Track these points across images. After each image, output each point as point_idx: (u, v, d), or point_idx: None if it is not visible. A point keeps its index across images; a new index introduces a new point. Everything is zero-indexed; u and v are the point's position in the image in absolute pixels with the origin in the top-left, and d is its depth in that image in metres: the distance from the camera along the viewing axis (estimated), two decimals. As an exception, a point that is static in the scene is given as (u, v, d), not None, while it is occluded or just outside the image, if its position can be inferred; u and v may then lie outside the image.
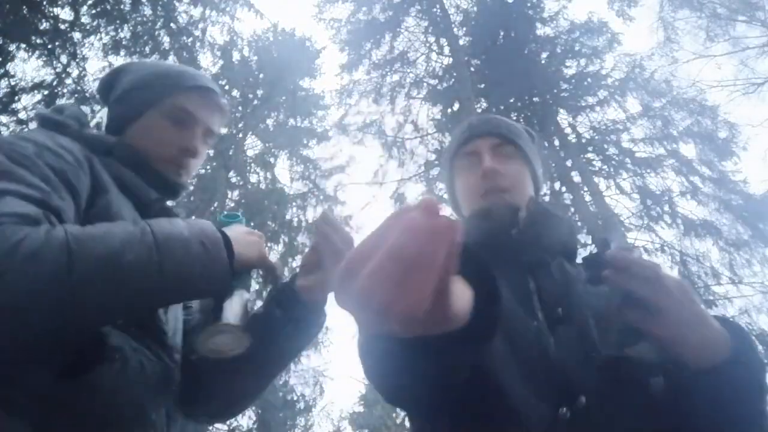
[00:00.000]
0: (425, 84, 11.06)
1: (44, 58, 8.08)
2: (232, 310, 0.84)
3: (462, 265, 0.38)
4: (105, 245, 0.70)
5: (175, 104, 1.06)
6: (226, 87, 12.47)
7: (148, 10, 8.93)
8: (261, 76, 13.12)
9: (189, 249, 0.77)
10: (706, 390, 0.69)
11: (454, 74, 9.92)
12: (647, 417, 0.73)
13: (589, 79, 10.52)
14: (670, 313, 0.71)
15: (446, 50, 10.66)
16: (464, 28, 11.47)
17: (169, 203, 1.08)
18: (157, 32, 9.10)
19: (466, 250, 0.41)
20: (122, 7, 8.60)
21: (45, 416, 0.69)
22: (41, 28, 7.86)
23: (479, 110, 9.63)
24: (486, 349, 0.59)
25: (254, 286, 1.01)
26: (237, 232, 0.90)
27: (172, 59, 9.28)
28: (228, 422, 10.15)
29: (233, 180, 11.67)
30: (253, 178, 12.21)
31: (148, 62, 1.27)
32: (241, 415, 10.30)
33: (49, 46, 8.01)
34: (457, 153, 1.14)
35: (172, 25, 9.15)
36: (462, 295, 0.43)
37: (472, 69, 10.62)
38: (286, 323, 0.97)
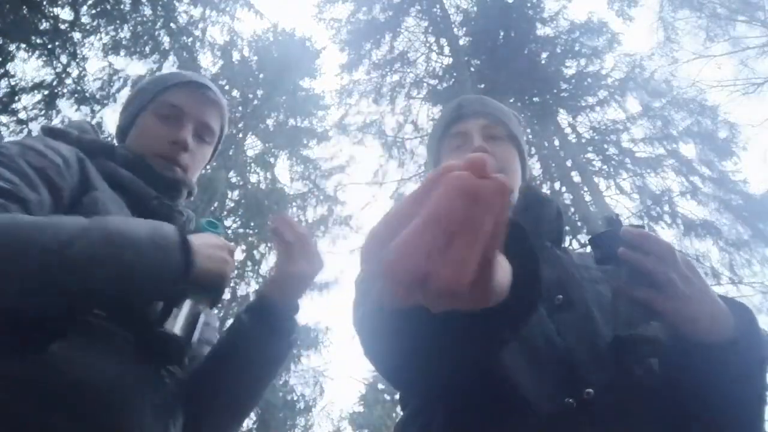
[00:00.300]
0: (425, 84, 11.07)
1: (44, 58, 8.09)
2: (177, 318, 0.82)
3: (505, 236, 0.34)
4: (51, 235, 0.71)
5: (162, 100, 1.09)
6: (226, 87, 12.46)
7: (148, 10, 8.93)
8: (261, 76, 13.12)
9: (139, 248, 0.75)
10: (710, 368, 0.69)
11: (454, 74, 9.92)
12: (654, 405, 0.72)
13: (589, 79, 10.52)
14: (682, 290, 0.71)
15: (446, 50, 10.67)
16: (464, 28, 11.48)
17: (173, 202, 1.07)
18: (157, 32, 9.10)
19: (510, 221, 0.36)
20: (122, 7, 8.60)
21: (3, 397, 0.67)
22: (41, 28, 7.86)
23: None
24: (522, 331, 0.56)
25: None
26: (206, 242, 0.87)
27: (172, 59, 9.29)
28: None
29: (233, 180, 11.67)
30: (253, 178, 12.22)
31: (152, 75, 1.32)
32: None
33: (49, 46, 8.01)
34: (446, 133, 1.11)
35: (172, 25, 9.15)
36: (503, 269, 0.38)
37: (472, 69, 10.62)
38: (256, 329, 0.97)
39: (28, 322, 0.71)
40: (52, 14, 7.97)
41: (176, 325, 0.82)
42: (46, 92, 8.25)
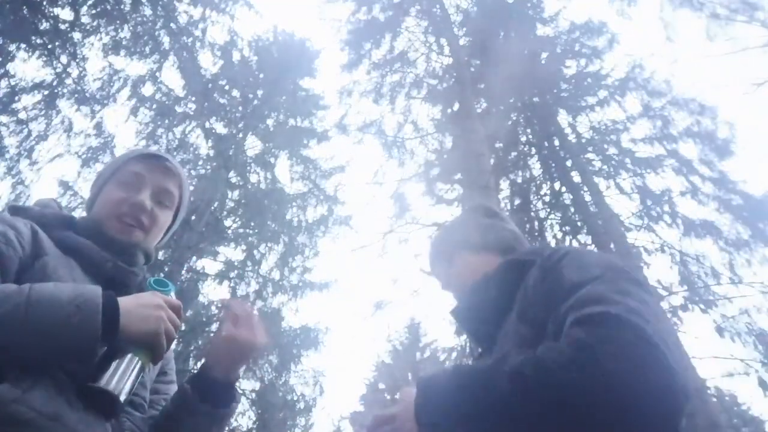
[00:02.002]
0: (425, 84, 11.05)
1: (44, 58, 8.09)
2: (114, 373, 0.87)
3: None
4: None
5: (124, 170, 1.18)
6: (226, 87, 12.47)
7: (148, 10, 8.92)
8: (261, 76, 13.12)
9: (59, 311, 0.81)
10: None
11: (454, 74, 9.91)
12: None
13: (589, 79, 10.53)
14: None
15: (446, 50, 10.66)
16: (464, 28, 11.47)
17: (129, 265, 1.13)
18: (157, 32, 9.10)
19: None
20: (122, 7, 8.60)
21: None
22: (41, 28, 7.86)
23: (479, 110, 9.62)
24: None
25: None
26: (140, 303, 0.91)
27: (172, 59, 9.29)
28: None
29: (233, 180, 11.67)
30: (253, 178, 12.22)
31: None
32: (240, 414, 10.31)
33: (49, 46, 8.01)
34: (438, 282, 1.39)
35: (172, 25, 9.15)
36: None
37: (472, 69, 10.62)
38: (199, 399, 1.06)
39: None
40: (52, 14, 7.97)
41: (112, 379, 0.86)
42: (46, 92, 8.26)
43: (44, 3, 7.83)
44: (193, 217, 9.82)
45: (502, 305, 1.06)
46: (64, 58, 8.25)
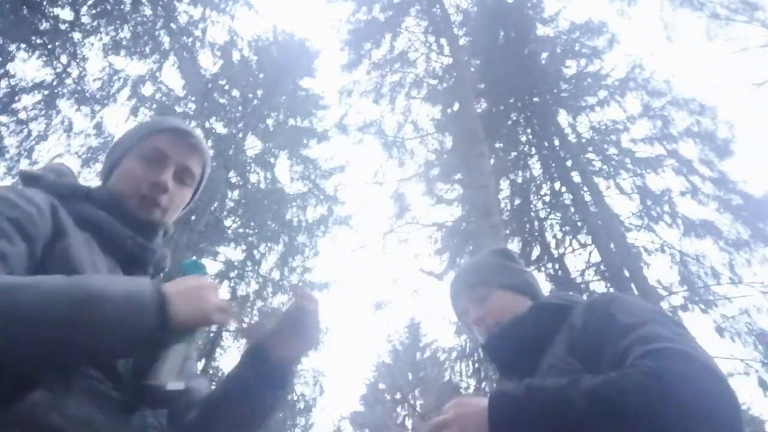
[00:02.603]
0: (425, 84, 11.06)
1: (44, 58, 8.09)
2: (164, 368, 0.85)
3: None
4: (30, 297, 0.73)
5: (147, 144, 1.13)
6: (226, 87, 12.47)
7: (148, 10, 8.93)
8: (261, 76, 13.12)
9: (113, 309, 0.77)
10: None
11: (454, 74, 9.91)
12: None
13: (589, 79, 10.53)
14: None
15: (446, 50, 10.65)
16: (464, 28, 11.47)
17: (148, 241, 1.10)
18: (157, 32, 9.10)
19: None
20: (122, 7, 8.60)
21: None
22: (41, 28, 7.86)
23: (479, 110, 9.62)
24: None
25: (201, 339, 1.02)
26: (185, 287, 0.88)
27: (172, 59, 9.29)
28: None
29: (233, 180, 11.67)
30: (253, 178, 12.23)
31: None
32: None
33: (49, 46, 8.01)
34: (456, 312, 1.48)
35: (172, 25, 9.15)
36: None
37: (472, 69, 10.61)
38: (258, 384, 1.04)
39: (10, 372, 0.74)
40: (52, 14, 7.97)
41: (162, 374, 0.84)
42: (46, 92, 8.26)
43: (44, 3, 7.83)
44: (193, 217, 9.82)
45: (537, 342, 1.20)
46: (64, 58, 8.25)
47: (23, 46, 7.80)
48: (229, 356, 10.57)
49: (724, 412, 0.83)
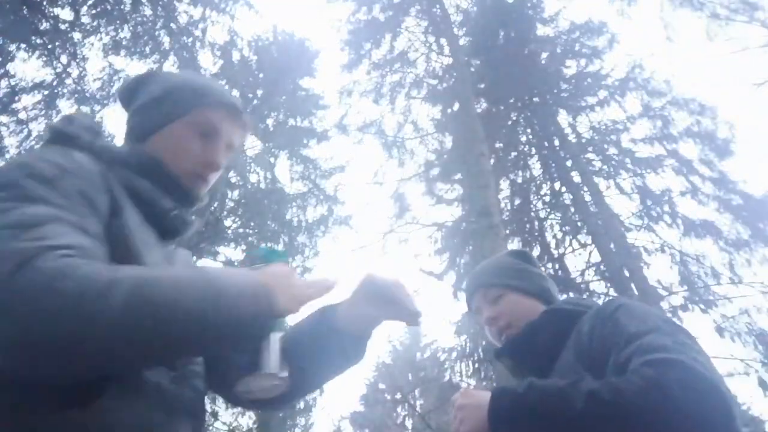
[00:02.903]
0: (425, 84, 11.06)
1: (44, 58, 8.09)
2: (270, 357, 0.84)
3: None
4: (163, 292, 0.69)
5: (203, 118, 1.05)
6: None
7: (148, 10, 8.93)
8: (261, 76, 13.12)
9: (240, 302, 0.75)
10: None
11: (454, 74, 9.91)
12: None
13: (589, 79, 10.52)
14: (457, 426, 1.06)
15: (446, 50, 10.65)
16: (464, 28, 11.47)
17: (186, 212, 1.05)
18: (157, 32, 9.10)
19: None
20: (122, 7, 8.60)
21: None
22: (41, 28, 7.86)
23: (479, 110, 9.62)
24: None
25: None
26: (278, 276, 0.85)
27: (172, 59, 9.29)
28: (228, 422, 10.15)
29: (233, 180, 11.67)
30: (253, 178, 12.22)
31: (173, 73, 1.26)
32: (240, 414, 10.32)
33: (49, 46, 8.01)
34: (470, 310, 1.51)
35: (172, 25, 9.15)
36: None
37: (472, 69, 10.61)
38: (335, 351, 1.03)
39: (95, 371, 0.71)
40: (52, 14, 7.97)
41: (269, 364, 0.84)
42: (46, 92, 8.25)
43: (44, 3, 7.83)
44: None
45: (550, 348, 1.24)
46: (64, 58, 8.25)
47: (23, 46, 7.80)
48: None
49: (720, 419, 0.86)
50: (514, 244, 9.03)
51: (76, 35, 8.35)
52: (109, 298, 0.64)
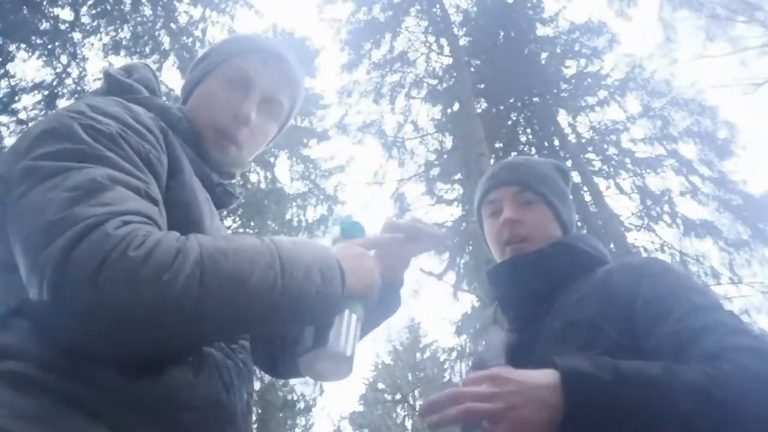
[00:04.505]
0: (425, 84, 11.06)
1: (44, 58, 8.09)
2: (341, 336, 0.79)
3: None
4: (234, 264, 0.64)
5: (233, 63, 0.97)
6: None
7: (148, 10, 8.93)
8: (261, 76, 13.11)
9: (308, 278, 0.70)
10: None
11: (454, 74, 9.91)
12: None
13: (589, 79, 10.52)
14: (492, 411, 0.75)
15: (446, 50, 10.66)
16: (464, 28, 11.47)
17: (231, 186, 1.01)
18: (157, 32, 9.10)
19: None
20: (122, 7, 8.60)
21: (115, 414, 0.63)
22: (41, 28, 7.86)
23: (479, 110, 9.62)
24: None
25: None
26: (353, 255, 0.82)
27: (172, 59, 9.29)
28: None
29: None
30: (253, 178, 12.22)
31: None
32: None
33: (49, 46, 8.01)
34: (483, 199, 1.24)
35: (172, 25, 9.15)
36: None
37: (472, 69, 10.62)
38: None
39: (163, 346, 0.69)
40: (52, 14, 7.97)
41: (339, 344, 0.79)
42: (46, 92, 8.24)
43: (44, 3, 7.83)
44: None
45: (555, 284, 1.08)
46: (64, 58, 8.25)
47: (23, 46, 7.80)
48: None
49: None
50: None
51: (76, 35, 8.35)
52: (179, 271, 0.60)
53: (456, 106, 9.64)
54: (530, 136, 10.56)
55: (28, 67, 9.84)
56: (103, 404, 0.62)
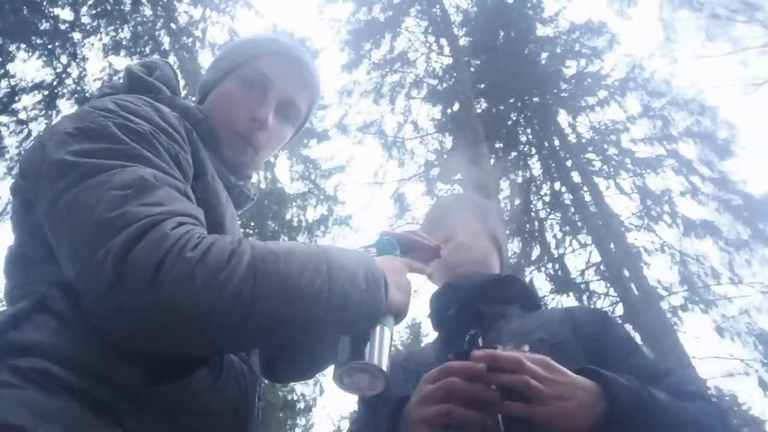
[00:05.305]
0: (425, 84, 11.06)
1: (44, 58, 8.09)
2: (376, 349, 0.78)
3: None
4: (286, 266, 0.65)
5: (253, 66, 0.97)
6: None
7: (148, 10, 8.93)
8: (261, 76, 13.12)
9: (354, 284, 0.69)
10: None
11: (454, 74, 9.91)
12: None
13: (589, 79, 10.52)
14: (547, 393, 0.76)
15: (446, 50, 10.66)
16: (464, 28, 11.47)
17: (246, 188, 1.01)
18: (157, 32, 9.10)
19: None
20: (122, 7, 8.60)
21: (134, 417, 0.63)
22: (41, 28, 7.86)
23: (479, 110, 9.62)
24: None
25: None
26: (394, 270, 0.81)
27: (172, 59, 9.28)
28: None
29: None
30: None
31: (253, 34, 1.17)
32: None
33: (49, 46, 8.01)
34: (434, 217, 1.38)
35: (172, 25, 9.15)
36: None
37: (472, 69, 10.62)
38: None
39: (193, 350, 0.69)
40: (52, 14, 7.97)
41: (374, 356, 0.77)
42: (46, 92, 8.25)
43: (44, 3, 7.83)
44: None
45: (501, 307, 1.16)
46: (64, 58, 8.25)
47: (23, 46, 7.80)
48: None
49: None
50: (514, 244, 9.04)
51: (76, 35, 8.35)
52: (234, 272, 0.60)
53: (456, 106, 9.64)
54: (530, 136, 10.56)
55: (28, 67, 9.84)
56: (122, 407, 0.62)
